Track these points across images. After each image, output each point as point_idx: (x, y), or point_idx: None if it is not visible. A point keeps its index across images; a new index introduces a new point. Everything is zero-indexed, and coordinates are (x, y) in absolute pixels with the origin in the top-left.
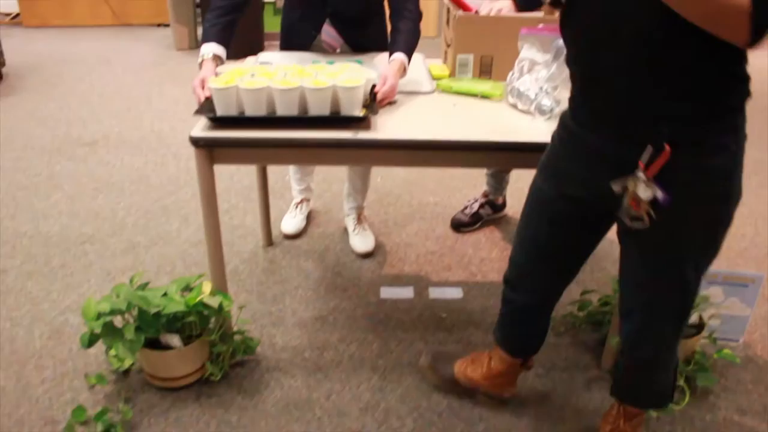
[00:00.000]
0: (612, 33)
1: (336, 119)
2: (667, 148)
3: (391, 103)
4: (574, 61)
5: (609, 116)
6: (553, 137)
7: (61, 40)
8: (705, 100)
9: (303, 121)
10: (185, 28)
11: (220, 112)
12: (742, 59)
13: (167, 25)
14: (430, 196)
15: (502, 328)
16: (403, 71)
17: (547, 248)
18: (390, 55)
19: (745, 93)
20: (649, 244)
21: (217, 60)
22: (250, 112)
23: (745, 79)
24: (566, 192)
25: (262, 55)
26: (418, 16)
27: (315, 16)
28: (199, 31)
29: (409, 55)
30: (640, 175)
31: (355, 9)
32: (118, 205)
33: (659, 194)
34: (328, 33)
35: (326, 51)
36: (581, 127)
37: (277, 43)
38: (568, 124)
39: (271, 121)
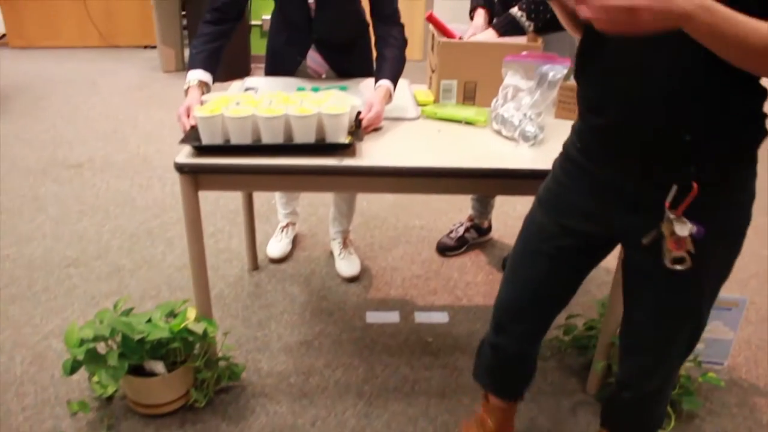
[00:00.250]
0: (647, 74)
1: (321, 147)
2: (695, 186)
3: (377, 129)
4: (597, 103)
5: (631, 156)
6: (554, 168)
7: (48, 62)
8: (733, 138)
9: (288, 148)
10: (172, 50)
11: (205, 140)
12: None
13: (154, 47)
14: (416, 220)
15: (491, 375)
16: (389, 98)
17: (545, 285)
18: (375, 81)
19: (765, 129)
20: (670, 281)
21: (204, 86)
22: (235, 140)
23: (765, 116)
24: (568, 224)
25: (248, 80)
26: (404, 42)
27: (301, 41)
28: (186, 53)
29: (395, 82)
30: (671, 216)
31: (341, 35)
32: (103, 228)
33: (695, 229)
34: (313, 59)
35: (311, 76)
36: (590, 160)
37: (263, 65)
38: (573, 155)
39: (256, 148)
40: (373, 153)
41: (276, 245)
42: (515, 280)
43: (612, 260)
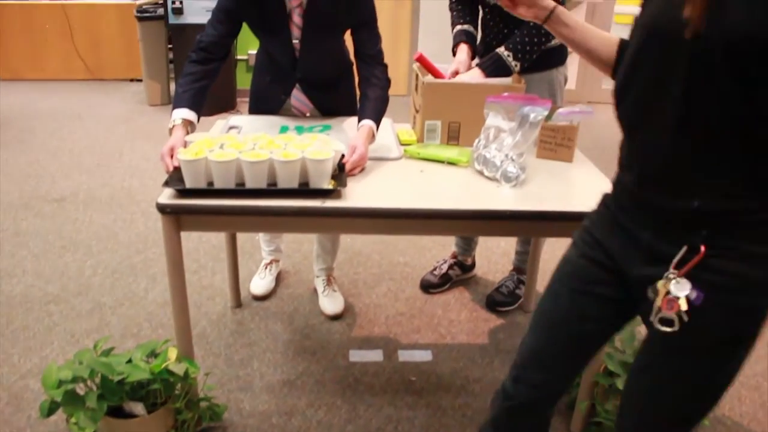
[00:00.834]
0: (658, 134)
1: (304, 192)
2: (703, 249)
3: (361, 170)
4: (623, 156)
5: (648, 211)
6: (591, 212)
7: (34, 94)
8: (749, 208)
9: (272, 192)
10: (158, 83)
11: (189, 183)
12: None
13: (140, 80)
14: (399, 257)
15: (495, 427)
16: (372, 138)
17: (566, 320)
18: (359, 121)
19: None
20: (667, 348)
21: (188, 125)
22: (219, 183)
23: None
24: (595, 257)
25: (232, 119)
26: (387, 82)
27: (285, 81)
28: (172, 86)
29: (378, 122)
30: (671, 274)
31: (325, 74)
32: (85, 264)
33: (693, 294)
34: (297, 98)
35: (295, 115)
36: (617, 207)
37: (248, 100)
38: (607, 198)
39: (239, 192)
40: (356, 194)
41: (259, 282)
42: (539, 322)
43: None
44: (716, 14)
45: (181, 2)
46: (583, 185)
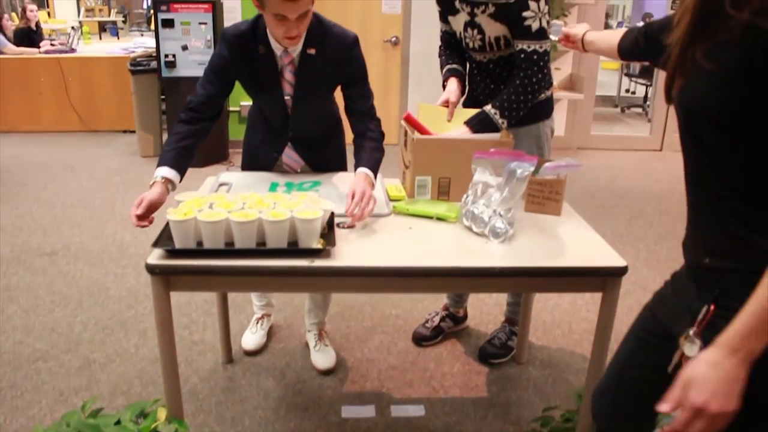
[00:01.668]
0: (690, 190)
1: (293, 252)
2: (712, 308)
3: (351, 226)
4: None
5: (686, 262)
6: None
7: (27, 146)
8: (751, 260)
9: (260, 252)
10: (150, 135)
11: (178, 244)
12: None
13: (133, 132)
14: (391, 309)
15: None
16: (371, 185)
17: (627, 363)
18: (355, 169)
19: None
20: None
21: (168, 183)
22: (208, 243)
23: None
24: (657, 310)
25: (222, 176)
26: (381, 136)
27: (278, 139)
28: (165, 138)
29: (374, 172)
30: (690, 332)
31: (316, 132)
32: (75, 319)
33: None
34: (289, 155)
35: (287, 172)
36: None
37: (241, 150)
38: None
39: (228, 252)
40: (345, 252)
41: (251, 337)
42: (611, 363)
43: (588, 346)
44: (687, 84)
45: (173, 56)
46: (571, 240)
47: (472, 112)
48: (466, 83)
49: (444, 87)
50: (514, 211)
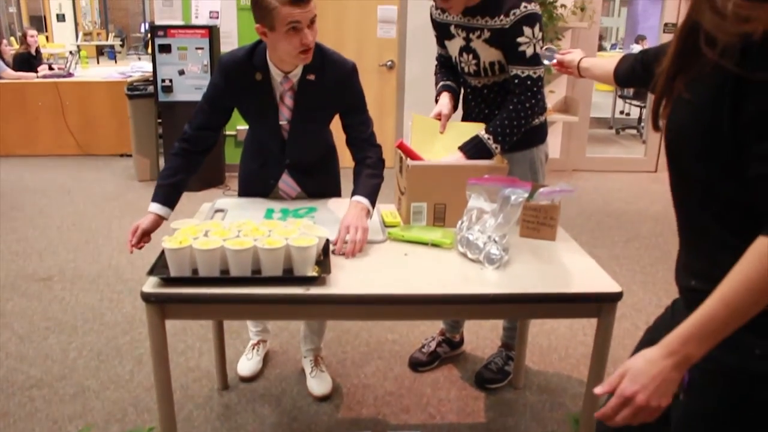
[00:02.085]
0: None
1: (288, 280)
2: None
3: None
4: None
5: (679, 288)
6: None
7: (25, 170)
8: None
9: (255, 281)
10: (147, 159)
11: (173, 272)
12: None
13: (130, 155)
14: (387, 334)
15: None
16: (367, 214)
17: None
18: (351, 196)
19: None
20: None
21: (160, 219)
22: (203, 271)
23: None
24: (654, 334)
25: (218, 202)
26: (381, 163)
27: (275, 166)
28: (161, 161)
29: (371, 199)
30: None
31: (312, 158)
32: (70, 346)
33: (686, 376)
34: (285, 182)
35: (282, 198)
36: None
37: (236, 174)
38: None
39: (223, 280)
40: (340, 280)
41: (246, 363)
42: None
43: (585, 371)
44: (671, 113)
45: (170, 81)
46: (566, 265)
47: (465, 125)
48: (461, 107)
49: (436, 101)
50: (509, 237)
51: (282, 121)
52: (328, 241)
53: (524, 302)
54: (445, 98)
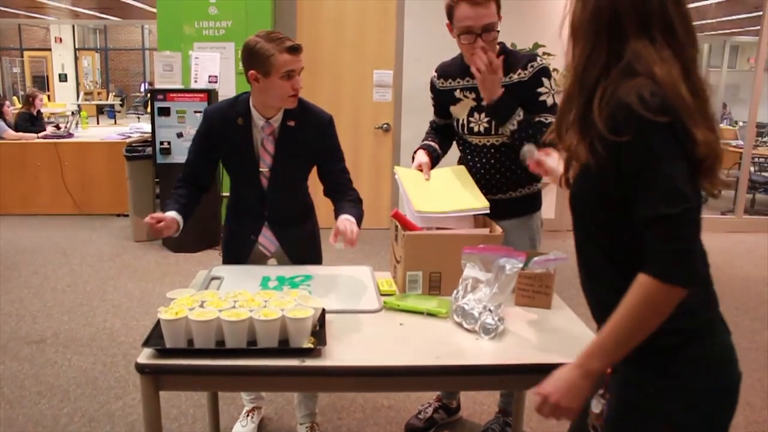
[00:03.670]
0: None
1: (283, 351)
2: (609, 371)
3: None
4: None
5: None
6: None
7: (21, 229)
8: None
9: (251, 352)
10: (144, 219)
11: (169, 343)
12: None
13: (126, 215)
14: (383, 399)
15: None
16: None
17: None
18: (337, 216)
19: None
20: None
21: (176, 224)
22: (199, 342)
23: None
24: None
25: (215, 269)
26: (360, 201)
27: (255, 219)
28: None
29: (358, 222)
30: (600, 392)
31: (291, 210)
32: (61, 411)
33: (598, 408)
34: (264, 235)
35: (263, 254)
36: None
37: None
38: None
39: (219, 352)
40: (335, 352)
41: (241, 431)
42: None
43: None
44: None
45: (168, 143)
46: (561, 333)
47: (446, 169)
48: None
49: (413, 159)
50: (504, 306)
51: (263, 168)
52: (324, 311)
53: (519, 373)
54: (421, 153)
